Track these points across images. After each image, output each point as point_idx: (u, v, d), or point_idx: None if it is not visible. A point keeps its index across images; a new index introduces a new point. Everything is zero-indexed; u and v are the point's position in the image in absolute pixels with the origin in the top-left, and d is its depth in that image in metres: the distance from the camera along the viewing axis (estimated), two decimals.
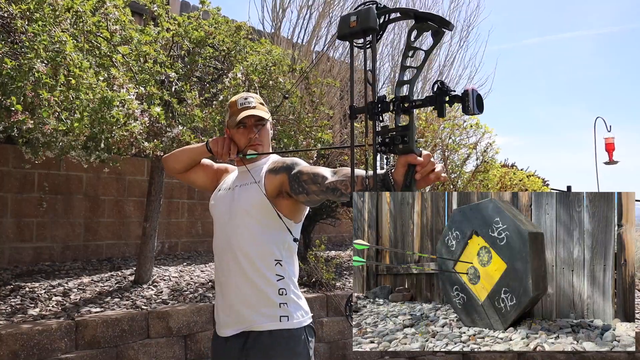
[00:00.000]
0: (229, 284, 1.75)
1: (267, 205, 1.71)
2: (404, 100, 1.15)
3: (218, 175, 2.03)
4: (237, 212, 1.76)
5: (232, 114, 1.86)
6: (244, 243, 1.73)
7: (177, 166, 2.02)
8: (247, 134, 1.84)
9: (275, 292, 1.70)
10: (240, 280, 1.72)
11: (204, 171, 2.03)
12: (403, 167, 1.21)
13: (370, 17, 1.11)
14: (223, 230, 1.81)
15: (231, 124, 1.85)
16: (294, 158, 1.80)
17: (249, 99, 1.87)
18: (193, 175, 2.04)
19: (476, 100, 1.08)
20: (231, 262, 1.75)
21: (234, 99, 1.89)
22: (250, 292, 1.70)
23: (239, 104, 1.86)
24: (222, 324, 1.78)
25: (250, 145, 1.83)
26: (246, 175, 1.83)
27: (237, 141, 1.86)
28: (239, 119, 1.81)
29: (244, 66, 3.92)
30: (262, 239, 1.72)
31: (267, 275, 1.71)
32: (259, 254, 1.72)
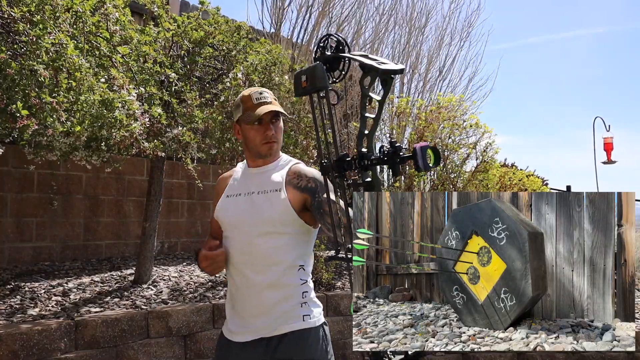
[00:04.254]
0: (252, 290, 1.69)
1: (292, 215, 1.69)
2: (363, 158, 1.21)
3: (219, 196, 1.87)
4: (261, 220, 1.69)
5: (247, 109, 1.73)
6: (271, 251, 1.68)
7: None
8: (264, 131, 1.73)
9: (299, 296, 1.71)
10: (264, 286, 1.67)
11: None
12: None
13: (316, 76, 1.15)
14: (243, 238, 1.72)
15: (247, 120, 1.73)
16: (315, 175, 1.73)
17: (264, 93, 1.75)
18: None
19: (426, 155, 1.12)
20: (254, 269, 1.69)
21: (247, 94, 1.76)
22: (276, 298, 1.68)
23: (254, 99, 1.73)
24: (241, 331, 1.72)
25: (266, 142, 1.73)
26: (262, 181, 1.76)
27: (252, 138, 1.75)
28: (259, 115, 1.69)
29: (244, 66, 3.92)
30: (288, 246, 1.70)
31: (292, 281, 1.70)
32: (286, 261, 1.69)
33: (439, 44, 8.78)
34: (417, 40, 8.53)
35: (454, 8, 9.15)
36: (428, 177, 5.89)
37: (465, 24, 9.11)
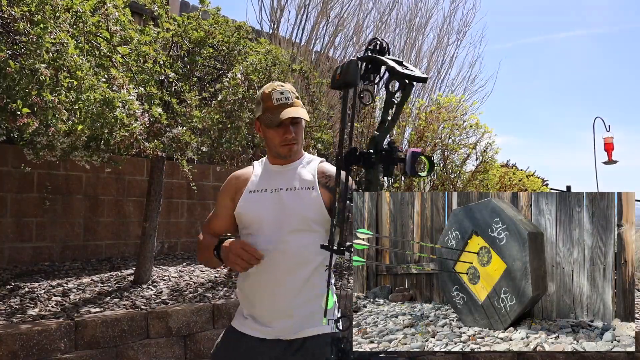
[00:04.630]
0: (281, 290, 1.64)
1: (324, 213, 1.66)
2: (363, 157, 1.23)
3: (235, 193, 1.78)
4: (295, 217, 1.65)
5: (268, 111, 1.68)
6: (302, 249, 1.65)
7: (203, 263, 1.86)
8: (283, 133, 1.68)
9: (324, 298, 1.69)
10: (295, 286, 1.63)
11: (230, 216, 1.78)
12: None
13: (349, 71, 1.18)
14: (273, 235, 1.65)
15: (267, 123, 1.68)
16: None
17: (285, 93, 1.68)
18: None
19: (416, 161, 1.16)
20: (285, 267, 1.64)
21: (267, 91, 1.69)
22: (304, 298, 1.64)
23: (274, 99, 1.66)
24: (261, 329, 1.67)
25: (286, 144, 1.69)
26: (290, 178, 1.72)
27: (271, 139, 1.70)
28: (278, 121, 1.64)
29: (244, 66, 3.93)
30: (318, 245, 1.68)
31: (320, 282, 1.67)
32: (315, 260, 1.65)
33: (438, 44, 8.78)
34: (417, 40, 8.54)
35: (454, 8, 9.13)
36: (428, 177, 5.89)
37: (461, 23, 9.11)
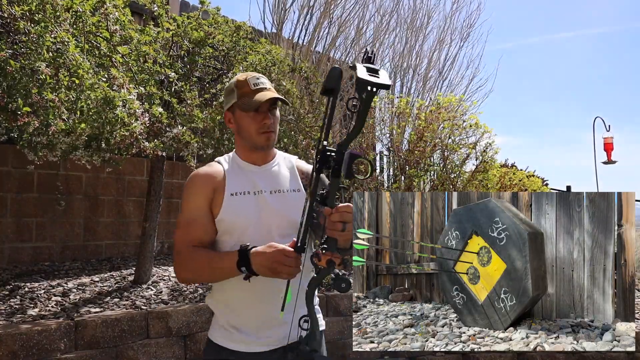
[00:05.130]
0: (276, 297, 1.49)
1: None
2: (321, 161, 1.27)
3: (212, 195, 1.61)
4: (286, 221, 1.57)
5: (245, 95, 1.59)
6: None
7: (198, 280, 1.72)
8: (261, 119, 1.58)
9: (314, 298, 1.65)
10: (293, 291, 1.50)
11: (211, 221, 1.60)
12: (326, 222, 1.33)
13: (332, 77, 1.24)
14: (262, 240, 1.52)
15: (244, 107, 1.58)
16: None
17: (261, 79, 1.62)
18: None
19: (352, 163, 1.21)
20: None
21: (242, 78, 1.62)
22: (299, 302, 1.54)
23: (251, 84, 1.59)
24: (255, 341, 1.57)
25: (264, 132, 1.60)
26: (272, 180, 1.64)
27: (247, 127, 1.60)
28: (259, 102, 1.55)
29: (244, 66, 3.93)
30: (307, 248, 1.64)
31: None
32: (306, 263, 1.56)
33: (439, 44, 8.79)
34: (418, 40, 8.54)
35: (456, 9, 9.13)
36: (428, 177, 5.89)
37: (464, 24, 9.11)
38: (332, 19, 7.29)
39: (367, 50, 1.29)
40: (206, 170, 1.65)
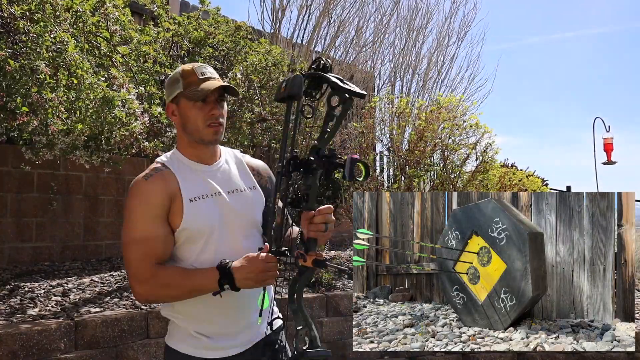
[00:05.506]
0: (245, 299, 1.47)
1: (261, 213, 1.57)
2: (304, 163, 1.29)
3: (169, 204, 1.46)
4: (247, 221, 1.51)
5: (192, 84, 1.46)
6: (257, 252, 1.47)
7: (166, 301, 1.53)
8: (209, 110, 1.46)
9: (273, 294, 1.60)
10: (258, 293, 1.47)
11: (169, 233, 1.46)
12: (306, 222, 1.33)
13: (295, 84, 1.27)
14: (227, 243, 1.48)
15: (190, 96, 1.46)
16: (270, 175, 1.65)
17: (209, 69, 1.51)
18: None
19: (354, 166, 1.24)
20: None
21: (188, 67, 1.49)
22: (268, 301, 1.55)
23: (198, 73, 1.47)
24: (230, 342, 1.49)
25: (212, 124, 1.48)
26: (225, 179, 1.55)
27: (194, 119, 1.47)
28: (207, 90, 1.45)
29: (244, 66, 3.93)
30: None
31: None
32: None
33: (438, 44, 8.79)
34: (417, 40, 8.54)
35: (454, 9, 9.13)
36: (428, 177, 5.89)
37: (462, 24, 9.11)
38: (332, 19, 7.30)
39: (322, 59, 1.33)
40: (155, 176, 1.47)
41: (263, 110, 4.06)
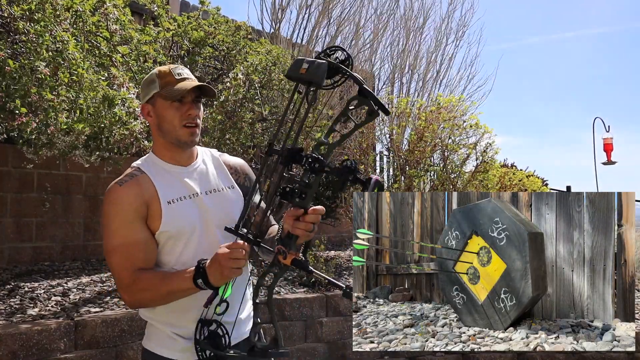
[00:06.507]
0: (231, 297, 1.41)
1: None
2: (317, 162, 1.20)
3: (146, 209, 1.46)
4: (229, 220, 1.45)
5: (169, 84, 1.46)
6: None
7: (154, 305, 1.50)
8: (185, 110, 1.46)
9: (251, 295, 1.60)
10: (240, 290, 1.47)
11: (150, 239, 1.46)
12: (291, 218, 1.28)
13: (319, 72, 1.17)
14: (206, 243, 1.47)
15: (167, 95, 1.45)
16: (248, 172, 1.63)
17: (185, 70, 1.50)
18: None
19: (374, 186, 1.23)
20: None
21: (165, 69, 1.49)
22: (245, 297, 1.54)
23: (175, 74, 1.47)
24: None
25: (188, 125, 1.47)
26: (203, 180, 1.54)
27: (170, 119, 1.46)
28: (184, 89, 1.44)
29: (244, 66, 3.93)
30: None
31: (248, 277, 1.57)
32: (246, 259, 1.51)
33: (437, 44, 8.78)
34: (416, 40, 8.54)
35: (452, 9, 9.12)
36: (428, 177, 5.89)
37: (460, 23, 9.10)
38: (331, 19, 7.29)
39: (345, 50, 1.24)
40: (129, 182, 1.47)
41: (264, 110, 4.06)
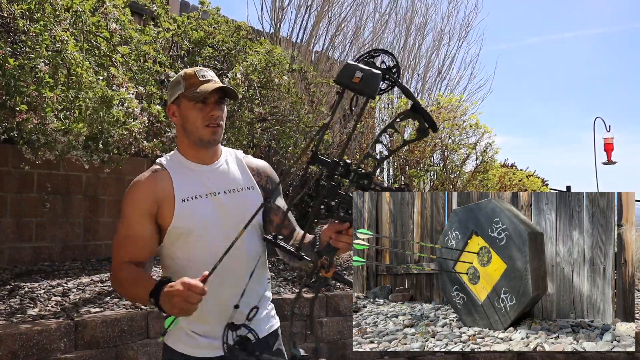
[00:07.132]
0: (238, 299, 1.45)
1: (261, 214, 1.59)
2: (365, 178, 1.14)
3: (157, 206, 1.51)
4: (241, 222, 1.43)
5: (193, 86, 1.52)
6: (253, 252, 1.55)
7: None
8: (208, 111, 1.52)
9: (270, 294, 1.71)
10: (253, 288, 1.49)
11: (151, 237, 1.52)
12: (333, 231, 1.29)
13: (374, 84, 1.10)
14: (220, 241, 1.48)
15: (191, 96, 1.52)
16: (269, 174, 1.67)
17: (210, 72, 1.57)
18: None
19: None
20: (243, 273, 1.44)
21: (190, 71, 1.56)
22: (260, 293, 1.62)
23: (199, 76, 1.54)
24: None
25: (211, 125, 1.53)
26: (224, 179, 1.58)
27: (193, 120, 1.53)
28: (206, 91, 1.50)
29: (244, 66, 3.93)
30: (261, 241, 1.59)
31: (267, 275, 1.70)
32: (261, 259, 1.57)
33: (437, 44, 8.78)
34: (416, 40, 8.54)
35: (452, 8, 9.12)
36: (428, 177, 5.90)
37: (463, 24, 9.10)
38: (331, 18, 7.29)
39: (392, 57, 1.18)
40: (146, 178, 1.54)
41: (263, 110, 4.06)
